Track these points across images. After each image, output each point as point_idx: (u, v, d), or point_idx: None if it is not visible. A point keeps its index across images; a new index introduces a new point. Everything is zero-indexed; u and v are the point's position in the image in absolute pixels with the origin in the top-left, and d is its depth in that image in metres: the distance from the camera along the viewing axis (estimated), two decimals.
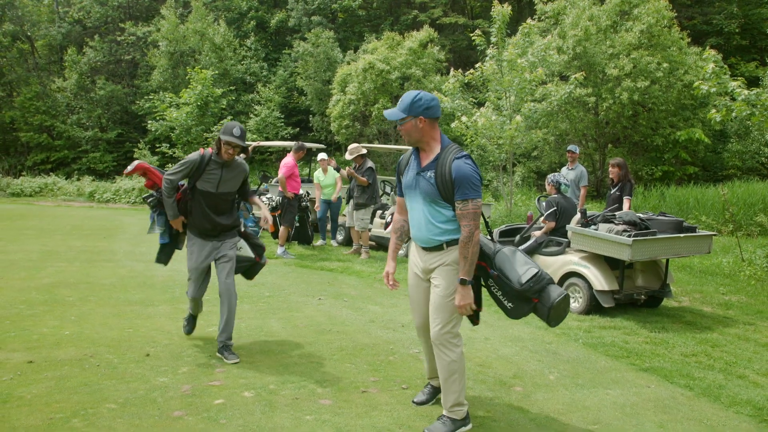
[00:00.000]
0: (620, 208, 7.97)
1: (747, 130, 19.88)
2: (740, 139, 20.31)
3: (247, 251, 5.04)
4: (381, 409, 3.84)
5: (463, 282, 3.35)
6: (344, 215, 11.71)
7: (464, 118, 12.21)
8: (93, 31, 32.73)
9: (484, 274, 3.65)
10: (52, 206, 20.51)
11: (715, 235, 7.23)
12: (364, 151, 10.24)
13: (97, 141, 29.83)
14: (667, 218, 6.75)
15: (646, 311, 7.06)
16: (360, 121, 23.26)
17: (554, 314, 3.52)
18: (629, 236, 6.16)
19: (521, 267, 3.51)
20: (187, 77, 22.49)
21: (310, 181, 13.30)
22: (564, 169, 9.99)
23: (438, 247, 3.46)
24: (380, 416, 3.74)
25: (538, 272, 3.49)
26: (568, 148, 9.95)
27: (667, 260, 6.94)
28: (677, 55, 18.64)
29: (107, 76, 31.62)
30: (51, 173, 27.90)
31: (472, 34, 13.16)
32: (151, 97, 25.61)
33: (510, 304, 3.58)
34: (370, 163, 10.14)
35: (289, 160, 10.06)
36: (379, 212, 10.98)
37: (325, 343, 5.26)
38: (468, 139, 12.75)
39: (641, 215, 6.79)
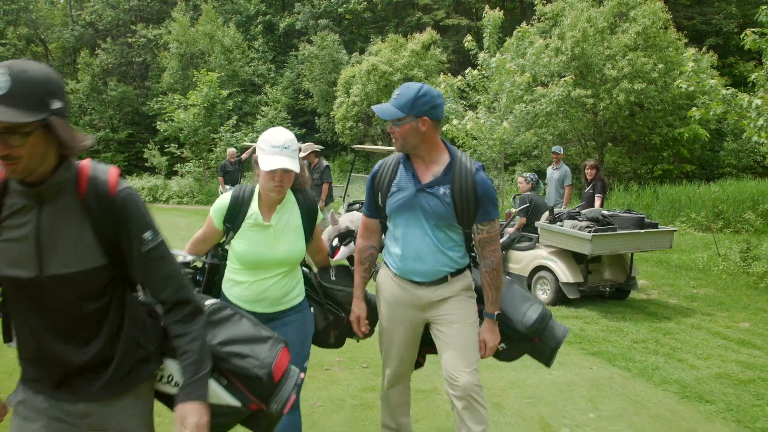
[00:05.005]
0: (593, 205, 8.42)
1: (742, 129, 20.16)
2: (736, 137, 20.60)
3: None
4: (339, 384, 4.35)
5: (491, 317, 2.82)
6: (339, 213, 12.22)
7: (455, 121, 12.66)
8: (105, 34, 33.53)
9: None
10: None
11: (675, 230, 7.64)
12: (317, 148, 10.25)
13: (109, 141, 30.61)
14: (630, 215, 7.19)
15: (613, 303, 7.49)
16: (364, 121, 23.82)
17: (555, 354, 2.99)
18: (590, 232, 6.60)
19: (522, 304, 2.94)
20: (194, 79, 23.12)
21: None
22: (549, 169, 10.44)
23: (442, 280, 2.81)
24: (336, 389, 4.25)
25: (542, 310, 2.92)
26: (553, 149, 10.39)
27: (632, 254, 7.38)
28: (674, 56, 18.96)
29: (119, 77, 32.43)
30: None
31: (464, 40, 13.60)
32: (161, 98, 26.31)
33: (503, 345, 2.92)
34: (325, 162, 10.26)
35: None
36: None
37: None
38: (460, 141, 13.21)
39: (605, 212, 7.24)
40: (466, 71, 13.17)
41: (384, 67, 22.33)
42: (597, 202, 8.44)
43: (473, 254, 2.95)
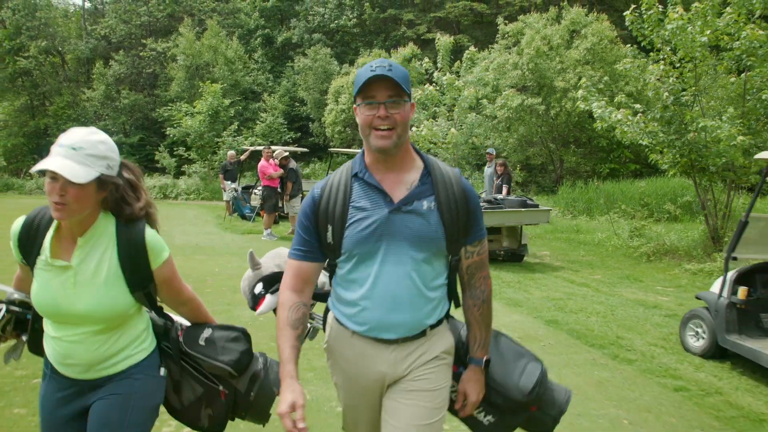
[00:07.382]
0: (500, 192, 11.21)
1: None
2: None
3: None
4: None
5: (479, 363, 2.21)
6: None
7: (414, 129, 15.41)
8: (117, 46, 36.33)
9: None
10: None
11: (550, 210, 10.38)
12: (286, 154, 12.81)
13: (121, 145, 33.36)
14: (517, 198, 9.94)
15: (510, 264, 10.18)
16: (352, 126, 26.63)
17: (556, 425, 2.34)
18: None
19: (516, 362, 2.28)
20: (199, 90, 25.96)
21: None
22: (486, 167, 13.24)
23: (420, 335, 2.11)
24: None
25: (541, 369, 2.26)
26: (488, 150, 13.19)
27: (521, 227, 10.10)
28: (621, 69, 21.69)
29: (130, 86, 35.28)
30: None
31: (423, 62, 16.37)
32: (170, 106, 29.15)
33: (490, 418, 2.28)
34: (293, 164, 12.86)
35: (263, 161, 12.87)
36: None
37: None
38: (419, 145, 15.97)
39: (498, 196, 10.00)
40: (426, 85, 15.92)
41: None
42: (504, 190, 11.23)
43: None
